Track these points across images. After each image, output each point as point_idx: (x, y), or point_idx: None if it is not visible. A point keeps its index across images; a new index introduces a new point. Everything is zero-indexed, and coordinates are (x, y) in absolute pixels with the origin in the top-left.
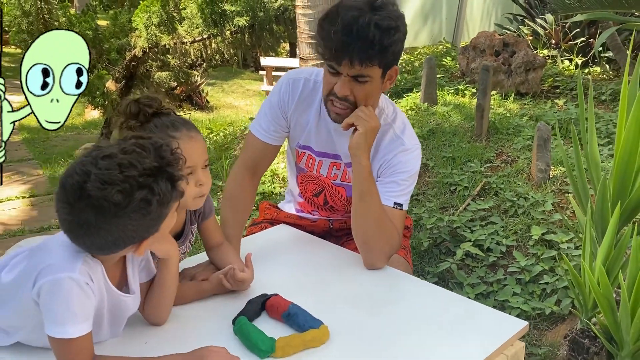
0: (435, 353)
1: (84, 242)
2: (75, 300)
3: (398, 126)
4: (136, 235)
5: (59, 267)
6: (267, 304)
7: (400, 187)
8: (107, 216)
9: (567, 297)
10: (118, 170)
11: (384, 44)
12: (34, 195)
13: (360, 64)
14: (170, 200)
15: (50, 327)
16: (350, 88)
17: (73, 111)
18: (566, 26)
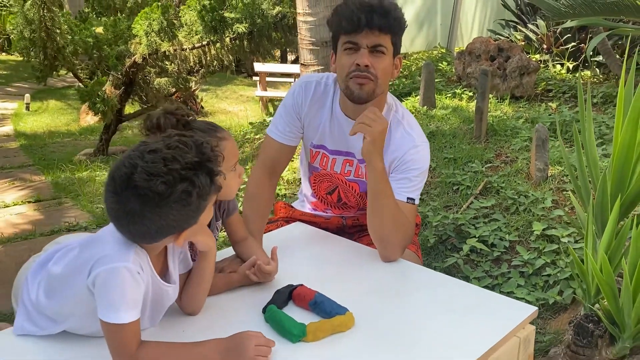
0: (453, 337)
1: (128, 230)
2: (129, 288)
3: (407, 122)
4: (177, 225)
5: (115, 257)
6: (293, 293)
7: (412, 183)
8: (151, 205)
9: (568, 287)
10: (162, 163)
11: (397, 15)
12: (40, 200)
13: (378, 30)
14: (209, 193)
15: (105, 313)
16: (369, 60)
17: (68, 117)
18: (557, 31)
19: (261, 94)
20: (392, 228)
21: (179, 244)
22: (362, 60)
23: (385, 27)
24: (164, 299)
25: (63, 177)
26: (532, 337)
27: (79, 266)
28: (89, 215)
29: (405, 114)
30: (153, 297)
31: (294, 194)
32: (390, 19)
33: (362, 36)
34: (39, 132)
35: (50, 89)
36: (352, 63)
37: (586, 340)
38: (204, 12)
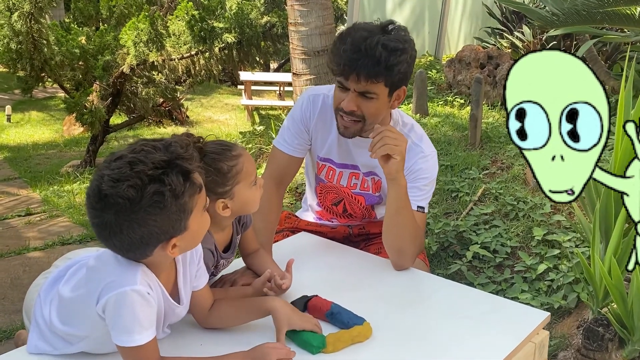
0: (470, 344)
1: (114, 245)
2: (139, 310)
3: (415, 135)
4: (160, 231)
5: (121, 282)
6: (309, 304)
7: (422, 192)
8: (124, 213)
9: (572, 291)
10: (128, 167)
11: (390, 63)
12: (30, 213)
13: (366, 79)
14: (184, 191)
15: (119, 337)
16: (357, 103)
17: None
18: (543, 39)
19: (247, 103)
20: (409, 240)
21: (173, 254)
22: (347, 105)
23: (374, 76)
24: (169, 318)
25: (51, 190)
26: (547, 342)
27: (86, 293)
28: (81, 228)
29: (413, 126)
30: (164, 315)
31: (291, 203)
32: (380, 68)
33: (350, 81)
34: (23, 144)
35: (31, 100)
36: (341, 101)
37: (596, 344)
38: (193, 22)
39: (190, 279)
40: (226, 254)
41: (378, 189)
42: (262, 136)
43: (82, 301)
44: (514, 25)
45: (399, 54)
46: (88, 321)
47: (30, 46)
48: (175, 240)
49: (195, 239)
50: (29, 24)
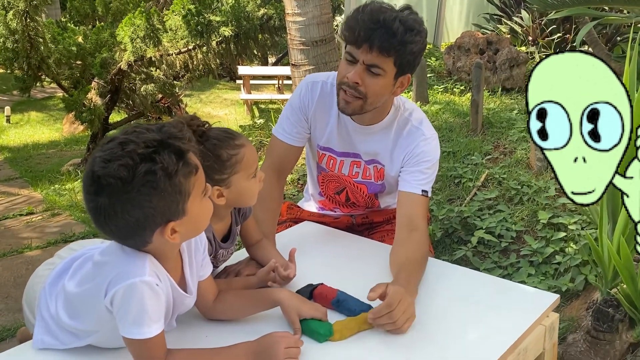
0: (481, 328)
1: (111, 231)
2: (148, 302)
3: (415, 118)
4: (156, 213)
5: (129, 273)
6: (314, 292)
7: (425, 175)
8: (117, 194)
9: (580, 274)
10: (120, 148)
11: (405, 39)
12: (32, 212)
13: (379, 51)
14: (177, 171)
15: (127, 329)
16: (362, 77)
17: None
18: (542, 23)
19: (246, 97)
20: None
21: (174, 240)
22: (351, 77)
23: (386, 49)
24: (178, 308)
25: (52, 189)
26: (557, 325)
27: (94, 287)
28: (84, 225)
29: (413, 110)
30: (172, 306)
31: (293, 194)
32: (395, 41)
33: (361, 52)
34: (23, 144)
35: (30, 100)
36: (345, 74)
37: (606, 325)
38: (189, 16)
39: (196, 267)
40: (225, 244)
41: (381, 177)
42: (262, 129)
43: (90, 295)
44: (512, 10)
45: (415, 34)
46: (95, 315)
47: (26, 45)
48: (174, 225)
49: (197, 226)
50: (25, 22)
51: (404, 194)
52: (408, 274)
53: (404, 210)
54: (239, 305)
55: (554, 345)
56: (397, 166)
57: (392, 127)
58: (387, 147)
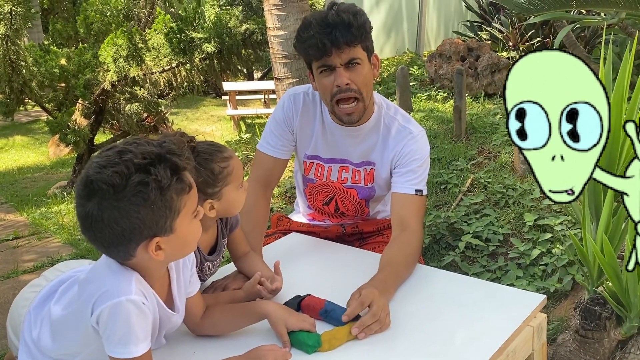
0: (468, 332)
1: (95, 237)
2: (135, 320)
3: (401, 117)
4: (143, 226)
5: (115, 292)
6: (302, 304)
7: (417, 174)
8: (107, 200)
9: (567, 274)
10: (117, 156)
11: (360, 22)
12: (18, 236)
13: (347, 45)
14: (170, 186)
15: (113, 349)
16: (348, 76)
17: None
18: (522, 28)
19: (232, 113)
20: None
21: (157, 256)
22: (341, 81)
23: (352, 39)
24: (165, 326)
25: (39, 213)
26: (544, 325)
27: (80, 306)
28: (71, 248)
29: (397, 110)
30: (159, 324)
31: (281, 207)
32: (354, 29)
33: (333, 57)
34: (8, 168)
35: (15, 124)
36: (332, 85)
37: (594, 323)
38: (172, 34)
39: (184, 285)
40: (211, 257)
41: (371, 180)
42: (248, 143)
43: (76, 314)
44: (491, 16)
45: (361, 14)
46: (80, 336)
47: (8, 69)
48: (160, 241)
49: (184, 246)
50: (6, 47)
51: (397, 195)
52: (386, 274)
53: (397, 211)
54: (227, 319)
55: (543, 345)
56: (387, 167)
57: (379, 126)
58: (377, 147)
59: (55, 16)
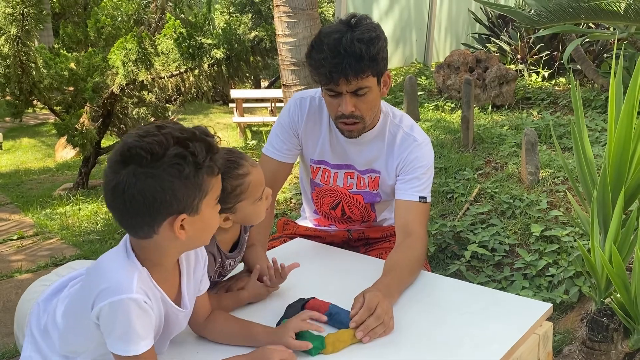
0: (473, 338)
1: (123, 207)
2: (136, 318)
3: (406, 125)
4: (173, 199)
5: (116, 289)
6: (306, 306)
7: (421, 181)
8: (144, 167)
9: (574, 285)
10: (156, 129)
11: (372, 54)
12: (22, 236)
13: (355, 77)
14: (204, 163)
15: (114, 345)
16: (353, 104)
17: (43, 154)
18: (530, 41)
19: (239, 120)
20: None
21: (180, 235)
22: (345, 109)
23: (362, 71)
24: (173, 324)
25: (44, 213)
26: (550, 333)
27: (81, 300)
28: (75, 249)
29: (403, 118)
30: (164, 323)
31: (285, 213)
32: (365, 61)
33: (340, 85)
34: (14, 170)
35: (22, 126)
36: (336, 108)
37: (601, 335)
38: (181, 39)
39: (195, 283)
40: (232, 254)
41: (376, 187)
42: (254, 149)
43: (78, 309)
44: (500, 29)
45: (376, 42)
46: (83, 330)
47: (18, 70)
48: (185, 219)
49: (203, 231)
50: (17, 48)
51: (401, 202)
52: (390, 278)
53: (401, 217)
54: (228, 332)
55: (549, 354)
56: (393, 174)
57: (384, 134)
58: (382, 154)
59: (66, 20)
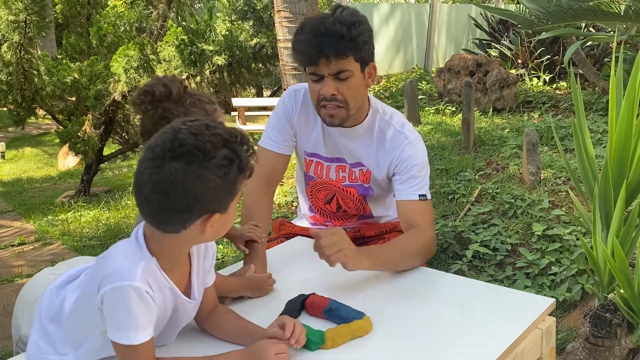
0: (475, 333)
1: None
2: (136, 308)
3: (397, 122)
4: (213, 199)
5: (120, 275)
6: (306, 302)
7: (418, 179)
8: (195, 165)
9: (576, 283)
10: (206, 128)
11: (352, 35)
12: (23, 242)
13: (336, 57)
14: (247, 167)
15: (113, 333)
16: (335, 87)
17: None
18: (531, 46)
19: (241, 128)
20: (411, 263)
21: (207, 234)
22: (326, 91)
23: (342, 52)
24: (181, 316)
25: (45, 220)
26: (553, 329)
27: (89, 286)
28: (76, 254)
29: (393, 114)
30: (172, 314)
31: (286, 216)
32: (345, 41)
33: (321, 67)
34: (17, 178)
35: (25, 136)
36: (318, 92)
37: (604, 330)
38: (183, 46)
39: (203, 274)
40: None
41: (367, 180)
42: None
43: (85, 293)
44: (501, 35)
45: (358, 25)
46: (89, 317)
47: (20, 77)
48: (217, 217)
49: (224, 228)
50: (19, 55)
51: (401, 203)
52: (377, 248)
53: (403, 217)
54: (230, 329)
55: (552, 350)
56: (384, 171)
57: (373, 130)
58: (371, 150)
59: (69, 31)
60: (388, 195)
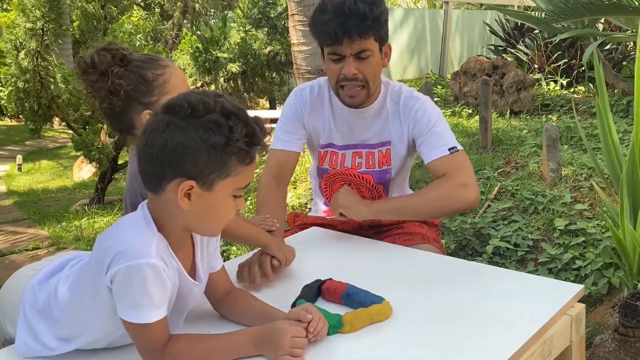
0: (502, 318)
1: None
2: (152, 286)
3: (406, 90)
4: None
5: (134, 253)
6: (323, 287)
7: (441, 134)
8: (179, 118)
9: (602, 277)
10: (214, 95)
11: (375, 15)
12: (37, 247)
13: (359, 37)
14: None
15: (126, 312)
16: (356, 67)
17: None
18: (547, 50)
19: (259, 115)
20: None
21: (182, 202)
22: (348, 71)
23: (365, 31)
24: (187, 298)
25: (60, 226)
26: (583, 315)
27: (93, 267)
28: None
29: (402, 86)
30: (178, 295)
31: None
32: (368, 21)
33: (344, 47)
34: (32, 189)
35: (41, 150)
36: (339, 72)
37: (635, 320)
38: (197, 53)
39: (208, 257)
40: None
41: (387, 162)
42: None
43: (88, 276)
44: (516, 40)
45: (379, 4)
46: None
47: (37, 84)
48: (194, 188)
49: (211, 215)
50: (36, 62)
51: (432, 163)
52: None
53: (438, 176)
54: (250, 312)
55: (582, 338)
56: (405, 141)
57: (386, 103)
58: (388, 122)
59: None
60: (406, 176)
